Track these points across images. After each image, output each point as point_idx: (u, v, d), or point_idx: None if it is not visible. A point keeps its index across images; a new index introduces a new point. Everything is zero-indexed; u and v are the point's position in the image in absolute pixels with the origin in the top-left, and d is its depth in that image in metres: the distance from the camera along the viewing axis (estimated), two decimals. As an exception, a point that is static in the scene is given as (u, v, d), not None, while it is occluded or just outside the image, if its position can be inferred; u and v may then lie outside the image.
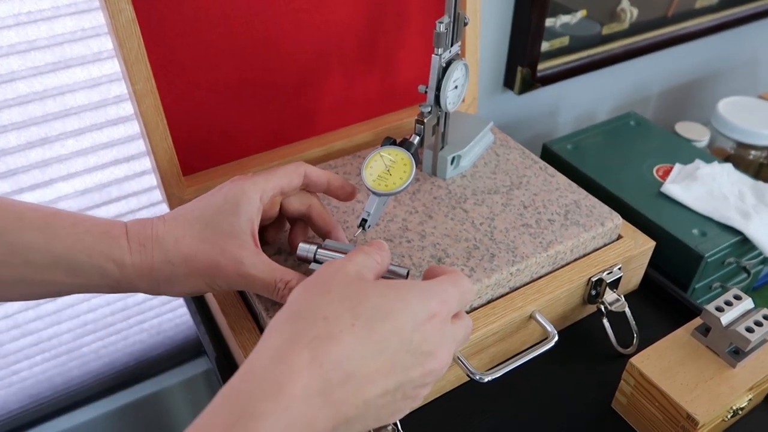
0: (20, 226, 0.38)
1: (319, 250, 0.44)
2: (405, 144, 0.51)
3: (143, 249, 0.40)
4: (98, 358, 0.81)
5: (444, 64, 0.54)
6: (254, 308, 0.50)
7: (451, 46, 0.54)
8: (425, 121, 0.54)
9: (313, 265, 0.44)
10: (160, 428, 0.92)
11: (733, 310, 0.48)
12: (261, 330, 0.49)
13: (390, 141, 0.51)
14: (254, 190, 0.43)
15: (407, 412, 0.35)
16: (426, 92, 0.55)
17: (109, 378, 0.84)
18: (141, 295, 0.80)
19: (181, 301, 0.84)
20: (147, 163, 0.70)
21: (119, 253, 0.40)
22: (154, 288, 0.42)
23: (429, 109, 0.54)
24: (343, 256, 0.43)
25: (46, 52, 0.58)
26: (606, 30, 0.93)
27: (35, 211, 0.39)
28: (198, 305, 0.60)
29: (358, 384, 0.31)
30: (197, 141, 0.59)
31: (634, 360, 0.48)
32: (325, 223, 0.48)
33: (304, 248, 0.44)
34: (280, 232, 0.52)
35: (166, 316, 0.85)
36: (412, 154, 0.50)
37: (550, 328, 0.52)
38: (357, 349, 0.31)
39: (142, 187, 0.72)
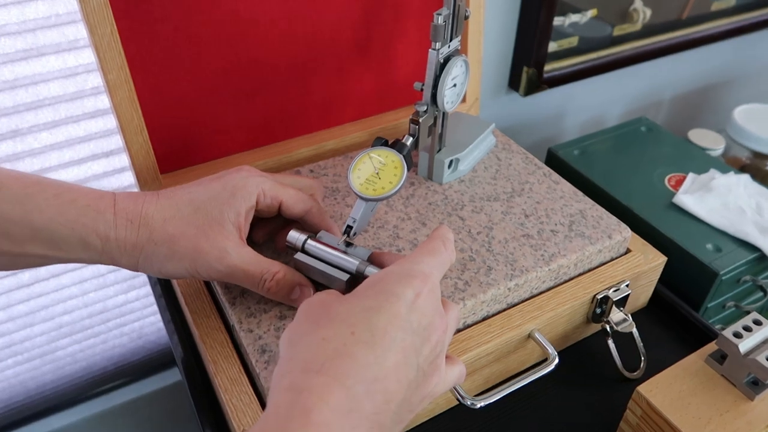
0: None
1: (308, 241, 0.44)
2: (397, 145, 0.47)
3: (129, 225, 0.39)
4: (74, 362, 0.78)
5: (442, 60, 0.50)
6: (228, 320, 0.46)
7: (450, 40, 0.50)
8: (420, 120, 0.50)
9: (298, 255, 0.44)
10: (141, 436, 0.88)
11: (753, 336, 0.43)
12: (234, 343, 0.45)
13: (381, 141, 0.47)
14: (254, 188, 0.43)
15: (437, 390, 0.34)
16: (422, 90, 0.51)
17: (87, 383, 0.80)
18: (121, 298, 0.76)
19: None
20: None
21: (104, 228, 0.38)
22: (134, 265, 0.40)
23: (425, 108, 0.50)
24: (329, 250, 0.43)
25: (16, 38, 0.55)
26: (617, 31, 0.89)
27: (16, 179, 0.37)
28: (173, 311, 0.56)
29: (384, 387, 0.29)
30: (177, 137, 0.55)
31: (641, 388, 0.44)
32: (320, 225, 0.47)
33: (294, 236, 0.44)
34: (269, 235, 0.49)
35: (148, 320, 0.81)
36: (404, 156, 0.46)
37: (550, 349, 0.48)
38: (368, 354, 0.30)
39: (122, 184, 0.68)
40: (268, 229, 0.48)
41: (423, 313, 0.32)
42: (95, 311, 0.75)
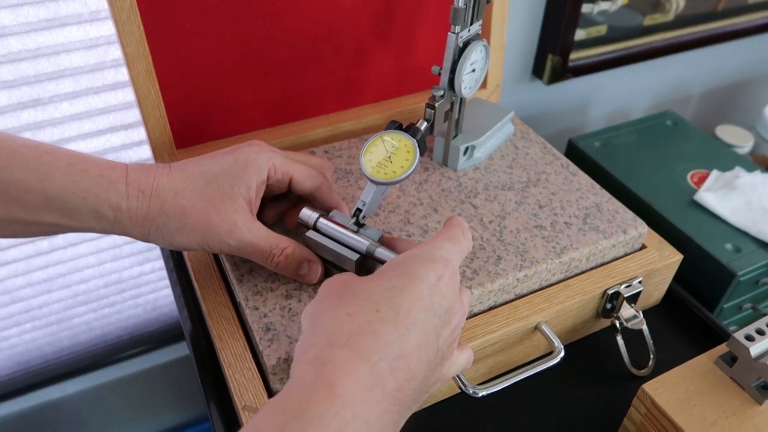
0: (12, 164, 0.37)
1: (320, 219, 0.44)
2: (410, 129, 0.46)
3: (141, 196, 0.40)
4: (90, 330, 0.79)
5: (461, 44, 0.49)
6: (235, 296, 0.46)
7: (471, 24, 0.49)
8: (436, 105, 0.49)
9: (310, 233, 0.44)
10: (152, 406, 0.90)
11: (765, 340, 0.42)
12: (240, 319, 0.46)
13: (395, 125, 0.47)
14: (266, 163, 0.43)
15: (449, 372, 0.35)
16: (440, 74, 0.50)
17: (101, 351, 0.82)
18: (136, 270, 0.78)
19: (177, 278, 0.81)
20: (146, 132, 0.67)
21: (116, 198, 0.39)
22: (145, 236, 0.41)
23: (441, 92, 0.49)
24: (341, 229, 0.43)
25: (39, 8, 0.55)
26: (648, 20, 0.87)
27: (30, 147, 0.38)
28: (184, 286, 0.56)
29: (407, 365, 0.30)
30: (193, 112, 0.55)
31: (646, 386, 0.43)
32: (329, 202, 0.47)
33: (306, 214, 0.44)
34: (279, 215, 0.49)
35: (162, 292, 0.82)
36: (417, 141, 0.45)
37: (556, 342, 0.47)
38: (392, 332, 0.30)
39: (141, 157, 0.68)
40: (279, 210, 0.48)
41: (444, 296, 0.33)
42: (111, 281, 0.77)
